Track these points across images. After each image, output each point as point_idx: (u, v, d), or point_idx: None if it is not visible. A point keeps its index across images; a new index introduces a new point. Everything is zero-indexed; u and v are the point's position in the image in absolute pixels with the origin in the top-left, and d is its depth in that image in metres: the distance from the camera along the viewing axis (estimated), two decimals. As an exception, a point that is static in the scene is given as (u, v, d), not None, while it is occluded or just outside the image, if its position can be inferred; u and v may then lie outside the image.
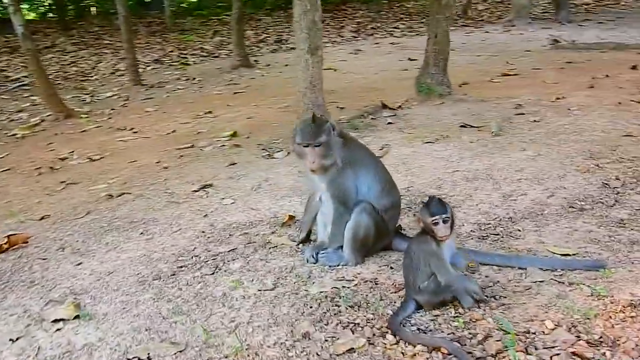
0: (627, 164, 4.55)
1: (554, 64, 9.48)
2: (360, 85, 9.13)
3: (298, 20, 5.75)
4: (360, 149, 3.39)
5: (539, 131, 5.68)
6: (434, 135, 5.77)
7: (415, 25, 16.22)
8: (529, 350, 2.33)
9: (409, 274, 2.74)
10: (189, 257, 3.60)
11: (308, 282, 3.09)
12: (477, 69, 9.57)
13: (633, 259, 3.06)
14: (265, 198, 4.52)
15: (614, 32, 12.93)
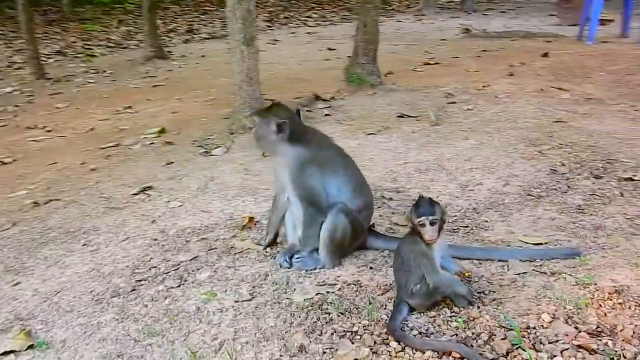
0: (566, 149, 4.71)
1: (470, 52, 9.75)
2: (285, 76, 8.94)
3: (232, 10, 5.48)
4: (327, 146, 3.22)
5: (475, 119, 5.78)
6: (374, 127, 5.71)
7: (328, 14, 16.21)
8: (537, 346, 2.30)
9: (400, 276, 2.64)
10: (147, 269, 3.31)
11: (288, 289, 2.91)
12: (398, 58, 9.65)
13: (602, 245, 3.14)
14: (215, 199, 4.26)
15: (518, 21, 13.55)
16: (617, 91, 6.57)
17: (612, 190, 3.82)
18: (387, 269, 3.06)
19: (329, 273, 3.06)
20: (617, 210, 3.54)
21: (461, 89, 7.07)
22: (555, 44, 9.91)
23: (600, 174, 4.09)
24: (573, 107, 5.96)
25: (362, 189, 3.19)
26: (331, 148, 3.21)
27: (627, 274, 2.80)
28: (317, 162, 3.10)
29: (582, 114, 5.68)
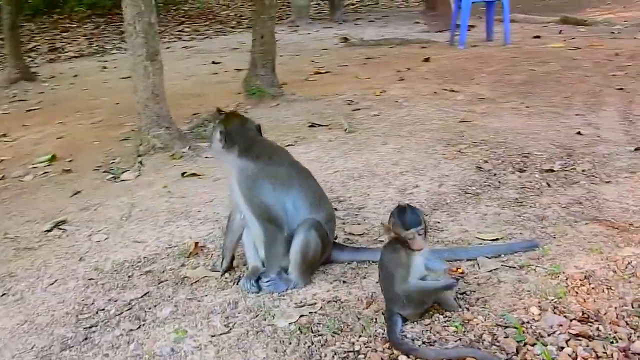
0: (481, 147, 4.92)
1: (355, 60, 9.97)
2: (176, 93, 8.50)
3: (132, 24, 5.13)
4: (279, 159, 3.07)
5: (385, 124, 5.89)
6: (289, 138, 5.61)
7: (201, 28, 15.83)
8: (541, 340, 2.32)
9: (388, 288, 2.56)
10: (93, 313, 2.95)
11: (266, 314, 2.72)
12: (288, 69, 9.59)
13: (551, 234, 3.29)
14: (145, 227, 3.93)
15: (389, 29, 14.08)
16: (502, 90, 7.01)
17: (539, 182, 4.03)
18: (360, 280, 2.98)
19: (303, 292, 2.91)
20: (551, 200, 3.73)
21: (360, 95, 7.18)
22: (431, 50, 10.41)
23: (523, 168, 4.30)
24: (470, 107, 6.26)
25: (321, 202, 3.08)
26: (284, 161, 3.07)
27: (586, 259, 2.95)
28: (267, 175, 2.95)
29: (481, 113, 5.98)
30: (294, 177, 3.00)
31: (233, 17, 18.05)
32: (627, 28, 11.68)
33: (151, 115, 5.34)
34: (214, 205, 4.17)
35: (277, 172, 2.96)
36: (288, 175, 3.00)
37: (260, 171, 2.92)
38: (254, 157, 2.94)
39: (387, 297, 2.59)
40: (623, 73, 7.41)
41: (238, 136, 2.94)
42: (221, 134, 2.93)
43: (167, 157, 5.29)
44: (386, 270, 2.57)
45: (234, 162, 2.95)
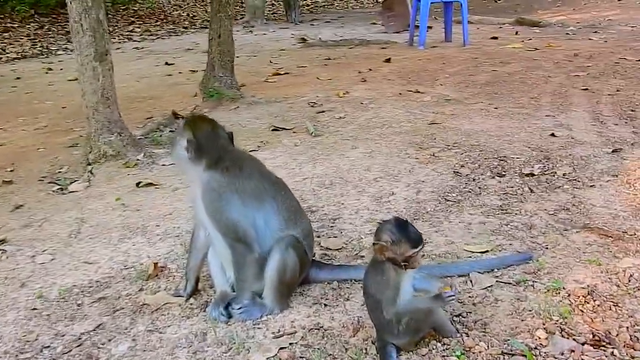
0: (455, 150, 4.69)
1: (315, 61, 9.68)
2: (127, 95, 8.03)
3: (78, 21, 4.68)
4: (250, 171, 2.71)
5: (352, 127, 5.61)
6: (252, 143, 5.26)
7: (152, 28, 15.25)
8: (554, 371, 2.06)
9: (378, 316, 2.25)
10: (37, 351, 2.54)
11: (240, 348, 2.38)
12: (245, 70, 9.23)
13: (543, 244, 3.06)
14: (96, 245, 3.51)
15: (346, 30, 13.87)
16: (468, 91, 6.84)
17: (521, 187, 3.82)
18: (343, 303, 2.66)
19: (281, 319, 2.57)
20: (536, 207, 3.51)
21: (323, 97, 6.89)
22: (391, 50, 10.22)
23: (501, 172, 4.09)
24: (438, 109, 6.05)
25: (297, 216, 2.74)
26: (254, 172, 2.71)
27: (585, 272, 2.72)
28: (235, 189, 2.60)
29: (450, 115, 5.77)
30: (266, 190, 2.65)
31: (186, 18, 17.50)
32: (581, 29, 11.79)
33: (101, 120, 4.89)
34: (174, 218, 3.79)
35: (247, 185, 2.61)
36: (259, 188, 2.65)
37: (228, 184, 2.57)
38: (221, 170, 2.59)
39: (377, 326, 2.28)
40: (585, 73, 7.35)
41: (208, 146, 2.58)
42: (189, 144, 2.55)
43: (119, 165, 4.86)
44: (373, 296, 2.26)
45: (200, 174, 2.59)
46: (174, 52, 11.94)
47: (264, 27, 14.71)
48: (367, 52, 10.30)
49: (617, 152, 4.31)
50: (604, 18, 13.13)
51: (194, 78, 8.81)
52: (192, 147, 2.55)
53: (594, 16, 13.58)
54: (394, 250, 2.18)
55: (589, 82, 6.77)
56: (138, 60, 11.03)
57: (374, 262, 2.31)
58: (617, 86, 6.52)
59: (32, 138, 6.32)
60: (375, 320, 2.29)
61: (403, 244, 2.17)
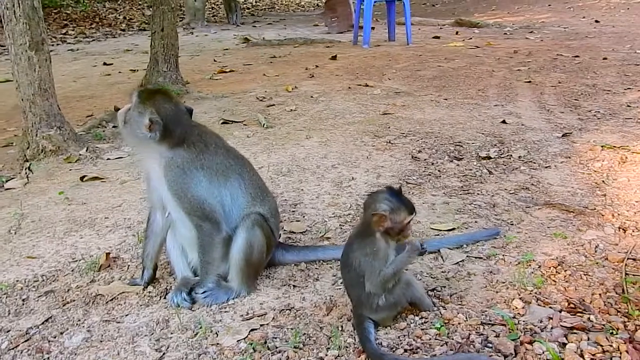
0: (411, 137, 4.68)
1: (260, 59, 9.56)
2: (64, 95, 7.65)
3: (11, 7, 4.38)
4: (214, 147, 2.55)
5: (305, 118, 5.52)
6: (202, 136, 5.07)
7: (87, 31, 14.73)
8: (536, 337, 2.01)
9: (358, 291, 2.15)
10: (-21, 348, 2.29)
11: (207, 333, 2.22)
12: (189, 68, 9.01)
13: (508, 221, 3.06)
14: (40, 240, 3.26)
15: (288, 31, 13.80)
16: (416, 85, 6.88)
17: (480, 169, 3.83)
18: (313, 283, 2.55)
19: (248, 302, 2.43)
20: (497, 187, 3.52)
21: (271, 92, 6.78)
22: (337, 49, 10.21)
23: (458, 156, 4.09)
24: (389, 101, 6.05)
25: (263, 194, 2.61)
26: (220, 149, 2.57)
27: (552, 245, 2.72)
28: (201, 166, 2.45)
29: (402, 106, 5.77)
30: (232, 166, 2.52)
31: (122, 20, 16.99)
32: (517, 30, 12.16)
33: (39, 114, 4.59)
34: (124, 210, 3.58)
35: (213, 161, 2.46)
36: (225, 164, 2.50)
37: (194, 160, 2.41)
38: (185, 147, 2.43)
39: (356, 302, 2.17)
40: (526, 68, 7.54)
41: (173, 125, 2.40)
42: (153, 123, 2.36)
43: (60, 160, 4.58)
44: (356, 269, 2.15)
45: (161, 152, 2.42)
46: (112, 53, 11.54)
47: (205, 29, 14.47)
48: (312, 51, 10.26)
49: (567, 137, 4.39)
50: (538, 20, 13.61)
51: (135, 77, 8.51)
52: (157, 128, 2.36)
53: (528, 18, 14.05)
54: (393, 219, 2.09)
55: (531, 76, 6.94)
56: (74, 62, 10.58)
57: (362, 235, 2.19)
58: (557, 79, 6.71)
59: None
60: (354, 296, 2.19)
61: (402, 212, 2.09)
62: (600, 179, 3.52)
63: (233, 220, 2.46)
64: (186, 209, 2.40)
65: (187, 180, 2.37)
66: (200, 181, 2.39)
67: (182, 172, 2.38)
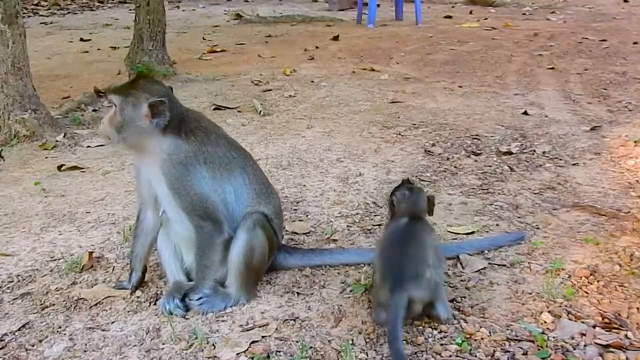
0: (423, 129, 4.66)
1: (254, 38, 9.52)
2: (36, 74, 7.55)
3: (-19, -25, 4.32)
4: (215, 137, 2.51)
5: (305, 105, 5.50)
6: (192, 122, 5.03)
7: (63, 2, 14.62)
8: (569, 356, 2.00)
9: (409, 263, 2.15)
10: (-51, 357, 2.27)
11: (203, 344, 2.20)
12: (175, 46, 8.94)
13: (533, 224, 3.05)
14: (14, 236, 3.24)
15: (285, 7, 13.76)
16: (427, 70, 6.87)
17: (500, 166, 3.82)
18: (319, 291, 2.54)
19: (248, 310, 2.42)
20: (519, 186, 3.51)
21: (268, 75, 6.75)
22: (338, 28, 10.19)
23: (476, 151, 4.08)
24: (397, 87, 6.03)
25: (268, 192, 2.59)
26: (221, 139, 2.53)
27: (584, 252, 2.71)
28: (204, 160, 2.41)
29: (412, 94, 5.76)
30: (235, 159, 2.49)
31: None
32: (537, 9, 12.15)
33: (12, 95, 4.55)
34: (108, 204, 3.55)
35: (215, 153, 2.43)
36: (228, 157, 2.47)
37: (196, 154, 2.38)
38: (183, 136, 2.39)
39: (399, 274, 2.14)
40: (549, 53, 7.54)
41: (169, 109, 2.36)
42: (155, 107, 2.32)
43: (35, 147, 4.55)
44: (417, 243, 2.23)
45: (159, 142, 2.38)
46: (89, 27, 11.46)
47: (192, 3, 14.41)
48: (311, 30, 10.22)
49: (596, 130, 4.39)
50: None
51: (115, 55, 8.46)
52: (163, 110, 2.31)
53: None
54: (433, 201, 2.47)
55: (554, 62, 6.93)
56: (47, 36, 10.49)
57: (415, 218, 2.34)
58: (583, 65, 6.70)
59: None
60: (398, 266, 2.16)
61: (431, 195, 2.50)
62: (634, 178, 3.52)
63: (235, 219, 2.43)
64: (186, 208, 2.37)
65: (189, 177, 2.34)
66: (203, 177, 2.36)
67: (185, 168, 2.34)
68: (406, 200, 2.39)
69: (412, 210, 2.37)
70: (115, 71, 7.25)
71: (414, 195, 2.41)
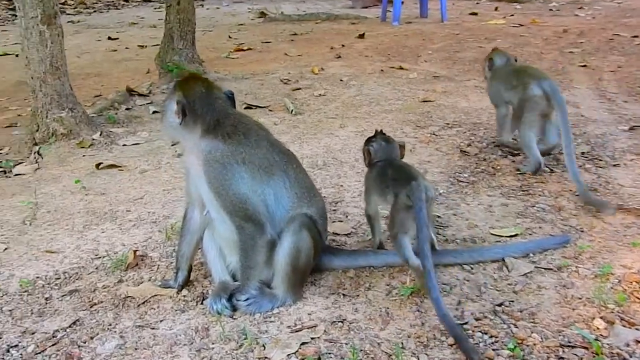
0: (458, 128, 4.63)
1: (280, 36, 9.52)
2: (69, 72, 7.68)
3: (22, -24, 4.36)
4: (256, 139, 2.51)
5: (336, 105, 5.49)
6: (225, 121, 5.05)
7: (88, 1, 14.71)
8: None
9: (410, 169, 2.63)
10: (3, 350, 2.32)
11: (253, 344, 2.21)
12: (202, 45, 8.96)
13: (577, 227, 3.00)
14: (57, 233, 3.27)
15: (308, 5, 13.73)
16: (457, 68, 6.82)
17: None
18: (364, 293, 2.53)
19: (295, 312, 2.42)
20: (560, 188, 3.47)
21: (296, 74, 6.75)
22: (363, 26, 10.15)
23: (513, 152, 4.02)
24: (428, 86, 6.00)
25: (310, 194, 2.58)
26: (263, 141, 2.54)
27: (632, 256, 2.68)
28: (243, 160, 2.42)
29: (443, 92, 5.72)
30: (276, 162, 2.49)
31: (125, -11, 16.96)
32: (564, 5, 12.00)
33: (50, 94, 4.60)
34: (147, 203, 3.58)
35: (255, 154, 2.43)
36: (268, 159, 2.48)
37: (233, 154, 2.38)
38: (224, 136, 2.40)
39: (411, 177, 2.50)
40: (579, 50, 7.44)
41: (203, 108, 2.39)
42: (179, 106, 2.37)
43: (72, 145, 4.59)
44: (407, 165, 2.71)
45: (196, 142, 2.41)
46: (116, 26, 11.56)
47: (217, 1, 14.45)
48: (336, 28, 10.20)
49: (635, 130, 4.33)
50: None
51: (143, 53, 8.53)
52: (181, 110, 2.36)
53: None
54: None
55: (585, 59, 6.84)
56: (76, 35, 10.59)
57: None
58: (616, 63, 6.61)
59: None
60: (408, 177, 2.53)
61: None
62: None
63: (277, 221, 2.43)
64: (227, 208, 2.38)
65: (227, 176, 2.35)
66: (242, 177, 2.37)
67: (222, 167, 2.35)
68: (382, 149, 2.75)
69: (388, 156, 2.73)
70: (145, 69, 7.31)
71: (389, 145, 2.78)
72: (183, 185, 3.53)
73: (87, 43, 9.71)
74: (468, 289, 2.50)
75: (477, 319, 2.26)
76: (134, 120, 5.19)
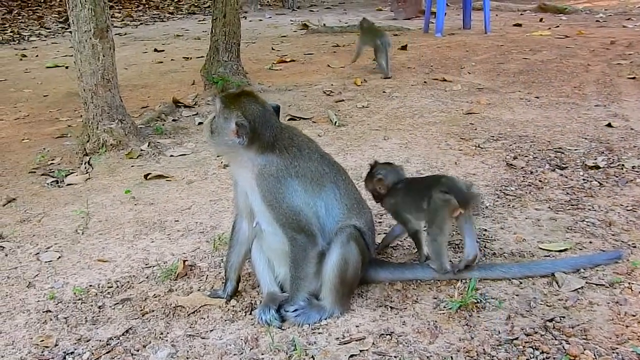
0: (503, 141, 4.60)
1: (322, 48, 9.59)
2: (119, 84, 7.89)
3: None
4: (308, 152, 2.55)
5: (379, 117, 5.50)
6: (269, 133, 5.10)
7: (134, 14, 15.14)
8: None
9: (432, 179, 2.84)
10: (59, 357, 2.40)
11: (303, 355, 2.24)
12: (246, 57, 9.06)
13: (629, 242, 2.96)
14: (109, 242, 3.36)
15: (349, 17, 13.79)
16: (501, 80, 6.76)
17: (587, 181, 3.72)
18: (412, 306, 2.53)
19: (343, 323, 2.44)
20: (611, 202, 3.41)
21: (339, 85, 6.79)
22: (406, 37, 10.14)
23: (561, 165, 3.99)
24: (471, 98, 5.97)
25: (360, 206, 2.61)
26: (314, 154, 2.57)
27: (687, 273, 2.60)
28: (296, 173, 2.45)
29: (487, 104, 5.68)
30: (326, 174, 2.52)
31: (170, 3, 17.36)
32: (611, 16, 11.80)
33: (101, 105, 4.73)
34: (195, 213, 3.64)
35: (308, 168, 2.47)
36: (320, 172, 2.51)
37: (287, 168, 2.42)
38: (280, 151, 2.44)
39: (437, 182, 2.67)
40: (628, 62, 7.31)
41: (261, 127, 2.42)
42: (241, 128, 2.38)
43: (121, 155, 4.71)
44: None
45: (251, 158, 2.44)
46: (161, 38, 11.80)
47: (259, 13, 14.63)
48: (376, 40, 10.19)
49: (688, 145, 4.22)
50: (635, 5, 13.15)
51: (188, 65, 8.69)
52: (244, 132, 2.38)
53: (623, 2, 13.61)
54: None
55: (635, 71, 6.72)
56: (123, 47, 10.83)
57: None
58: (667, 75, 6.47)
59: (13, 128, 6.14)
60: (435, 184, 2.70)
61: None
62: None
63: (327, 232, 2.46)
64: (280, 220, 2.42)
65: (282, 190, 2.39)
66: (295, 190, 2.40)
67: (277, 180, 2.39)
68: (391, 172, 2.87)
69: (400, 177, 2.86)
70: (190, 81, 7.45)
71: (394, 167, 2.92)
72: (229, 196, 3.62)
73: (134, 55, 9.94)
74: (517, 304, 2.48)
75: (527, 334, 2.24)
76: (180, 131, 5.30)
